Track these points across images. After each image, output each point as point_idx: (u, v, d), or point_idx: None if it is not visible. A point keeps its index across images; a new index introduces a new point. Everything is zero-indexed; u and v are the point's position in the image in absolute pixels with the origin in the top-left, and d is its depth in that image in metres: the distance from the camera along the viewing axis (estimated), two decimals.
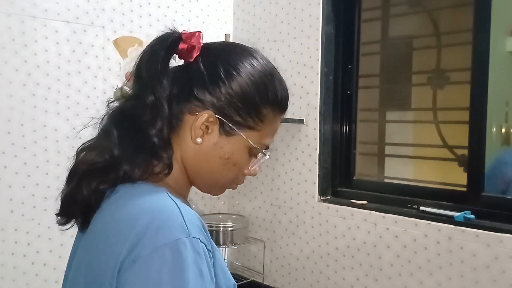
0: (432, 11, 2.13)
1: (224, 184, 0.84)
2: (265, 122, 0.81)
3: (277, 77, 0.82)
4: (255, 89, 0.79)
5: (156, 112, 0.77)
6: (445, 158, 2.09)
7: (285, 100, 0.83)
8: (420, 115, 2.26)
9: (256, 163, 0.84)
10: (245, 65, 0.80)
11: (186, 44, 0.81)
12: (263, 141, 0.82)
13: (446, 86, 2.09)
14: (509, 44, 1.89)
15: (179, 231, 0.68)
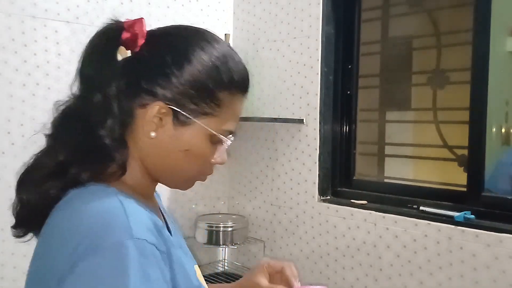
0: (432, 11, 2.13)
1: (191, 178, 0.81)
2: (223, 107, 0.76)
3: (231, 57, 0.77)
4: (207, 74, 0.74)
5: (105, 111, 0.73)
6: (445, 158, 2.09)
7: (242, 81, 0.78)
8: (420, 115, 2.26)
9: (222, 151, 0.80)
10: (195, 49, 0.75)
11: (129, 33, 0.75)
12: (225, 127, 0.77)
13: (446, 86, 2.09)
14: (509, 44, 1.89)
15: (121, 233, 0.64)
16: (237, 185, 2.51)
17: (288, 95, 2.27)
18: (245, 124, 2.46)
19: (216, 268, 2.46)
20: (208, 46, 0.76)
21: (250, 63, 2.43)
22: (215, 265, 2.47)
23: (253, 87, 2.62)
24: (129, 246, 0.63)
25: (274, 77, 2.33)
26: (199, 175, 0.82)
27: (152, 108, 0.74)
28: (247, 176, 2.46)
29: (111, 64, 0.75)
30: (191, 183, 0.83)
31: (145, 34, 0.76)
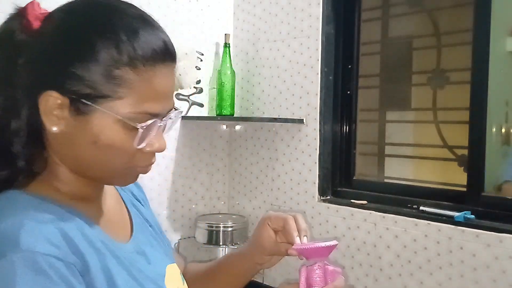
0: (432, 11, 2.13)
1: (119, 172, 0.71)
2: (127, 86, 0.66)
3: (133, 30, 0.67)
4: (100, 52, 0.65)
5: (8, 114, 0.67)
6: (445, 158, 2.09)
7: (149, 51, 0.67)
8: (420, 115, 2.26)
9: (146, 137, 0.69)
10: (87, 27, 0.67)
11: (24, 19, 0.69)
12: (141, 108, 0.67)
13: (446, 86, 2.09)
14: (509, 44, 1.89)
15: (5, 247, 0.59)
16: (237, 185, 2.51)
17: (288, 95, 2.27)
18: (245, 124, 2.46)
19: None
20: (104, 22, 0.67)
21: (250, 63, 2.43)
22: None
23: (253, 87, 2.64)
24: (14, 261, 0.58)
25: (274, 77, 2.33)
26: (129, 168, 0.72)
27: (45, 100, 0.66)
28: (247, 176, 2.46)
29: (10, 61, 0.68)
30: (127, 178, 0.74)
31: (40, 17, 0.69)
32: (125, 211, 0.85)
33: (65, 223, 0.66)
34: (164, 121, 0.72)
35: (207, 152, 2.47)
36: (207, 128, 2.47)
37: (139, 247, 0.79)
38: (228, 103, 2.32)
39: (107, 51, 0.65)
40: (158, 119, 0.70)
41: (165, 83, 0.69)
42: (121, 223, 0.81)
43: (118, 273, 0.70)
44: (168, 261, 0.84)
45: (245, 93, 2.46)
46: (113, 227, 0.77)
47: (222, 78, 2.32)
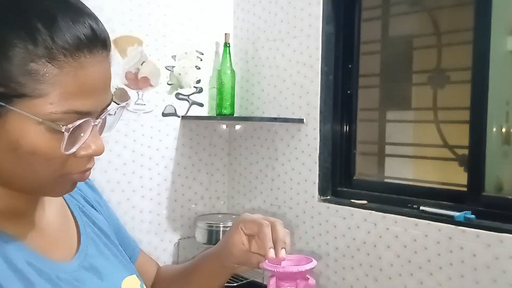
0: (433, 10, 2.13)
1: (52, 182, 0.62)
2: (47, 82, 0.56)
3: (48, 13, 0.57)
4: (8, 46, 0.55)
5: None
6: (446, 158, 2.08)
7: (71, 39, 0.57)
8: (420, 114, 2.26)
9: (77, 140, 0.60)
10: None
11: None
12: (66, 107, 0.57)
13: (446, 85, 2.09)
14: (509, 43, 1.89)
15: None
16: (237, 185, 2.51)
17: (288, 95, 2.26)
18: (245, 124, 2.46)
19: None
20: (16, 10, 0.57)
21: (250, 63, 2.43)
22: None
23: (253, 87, 2.64)
24: None
25: (274, 76, 2.32)
26: (61, 176, 0.62)
27: None
28: (247, 176, 2.46)
29: None
30: (61, 187, 0.65)
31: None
32: (72, 222, 0.76)
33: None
34: (100, 119, 0.62)
35: (206, 152, 2.47)
36: (207, 128, 2.47)
37: (87, 262, 0.71)
38: (228, 103, 2.32)
39: (20, 42, 0.55)
40: (91, 118, 0.60)
41: (94, 76, 0.59)
42: (63, 239, 0.72)
43: None
44: (126, 273, 0.76)
45: (245, 93, 2.46)
46: (51, 244, 0.69)
47: (222, 77, 2.31)
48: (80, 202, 0.80)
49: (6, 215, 0.64)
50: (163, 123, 2.29)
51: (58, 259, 0.68)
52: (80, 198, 0.81)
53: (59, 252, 0.69)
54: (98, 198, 0.86)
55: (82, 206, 0.80)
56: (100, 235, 0.78)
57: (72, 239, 0.74)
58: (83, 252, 0.72)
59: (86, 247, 0.73)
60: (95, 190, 0.87)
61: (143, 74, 2.20)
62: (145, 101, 2.23)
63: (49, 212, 0.72)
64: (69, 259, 0.70)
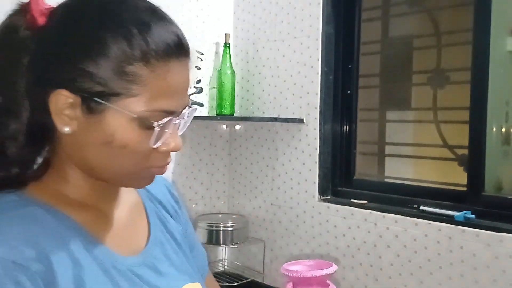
0: (432, 11, 2.13)
1: (134, 173, 0.68)
2: (141, 83, 0.62)
3: (145, 25, 0.63)
4: (108, 48, 0.61)
5: (7, 115, 0.65)
6: (445, 158, 2.09)
7: (162, 45, 0.63)
8: (420, 114, 2.26)
9: (162, 135, 0.66)
10: (95, 22, 0.63)
11: (28, 15, 0.65)
12: (155, 106, 0.63)
13: (446, 85, 2.09)
14: (509, 43, 1.89)
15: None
16: (237, 185, 2.51)
17: (288, 95, 2.27)
18: (245, 124, 2.46)
19: (216, 268, 2.46)
20: (114, 16, 0.63)
21: (250, 63, 2.43)
22: (215, 265, 2.47)
23: (253, 87, 2.64)
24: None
25: (274, 76, 2.33)
26: (144, 169, 0.68)
27: (56, 99, 0.63)
28: (247, 175, 2.46)
29: (12, 60, 0.65)
30: (142, 180, 0.70)
31: (45, 12, 0.65)
32: (144, 223, 0.79)
33: (43, 228, 0.63)
34: (179, 119, 0.68)
35: (207, 152, 2.47)
36: (207, 128, 2.47)
37: (151, 262, 0.74)
38: (228, 103, 2.32)
39: (118, 46, 0.62)
40: (174, 117, 0.66)
41: (179, 79, 0.66)
42: (131, 235, 0.75)
43: (97, 285, 0.65)
44: (188, 280, 0.78)
45: (245, 93, 2.46)
46: (118, 238, 0.73)
47: (222, 77, 2.32)
48: (158, 209, 0.84)
49: (81, 205, 0.69)
50: None
51: (121, 252, 0.71)
52: (157, 203, 0.85)
53: (124, 247, 0.72)
54: (177, 208, 0.89)
55: (158, 211, 0.83)
56: (170, 240, 0.81)
57: (141, 238, 0.77)
58: (148, 252, 0.75)
59: (152, 249, 0.76)
60: (176, 200, 0.90)
61: None
62: None
63: (123, 209, 0.76)
64: (134, 255, 0.73)
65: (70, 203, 0.69)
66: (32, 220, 0.63)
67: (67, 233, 0.65)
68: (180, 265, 0.79)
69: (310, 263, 0.76)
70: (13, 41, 0.65)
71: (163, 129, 0.65)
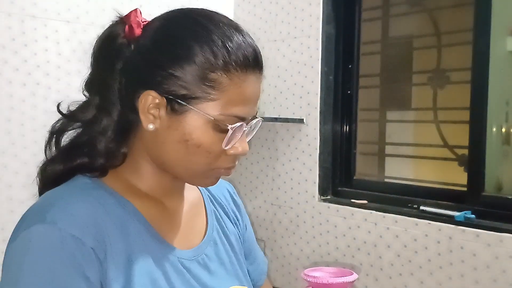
0: (433, 11, 2.13)
1: (202, 172, 0.74)
2: (220, 89, 0.69)
3: (228, 36, 0.70)
4: (195, 56, 0.69)
5: (101, 112, 0.73)
6: (445, 158, 2.09)
7: (244, 59, 0.70)
8: (420, 115, 2.26)
9: (238, 140, 0.73)
10: (185, 34, 0.71)
11: (127, 26, 0.75)
12: (229, 111, 0.70)
13: (446, 86, 2.09)
14: (509, 44, 1.89)
15: (34, 219, 0.65)
16: (237, 185, 2.51)
17: (288, 95, 2.27)
18: None
19: None
20: (201, 29, 0.71)
21: None
22: None
23: None
24: (33, 232, 0.63)
25: (274, 76, 2.33)
26: (212, 169, 0.74)
27: (145, 99, 0.71)
28: (247, 176, 2.46)
29: (109, 63, 0.74)
30: (208, 179, 0.76)
31: (142, 24, 0.75)
32: (203, 222, 0.84)
33: (106, 210, 0.70)
34: (248, 126, 0.75)
35: None
36: None
37: (202, 259, 0.78)
38: None
39: (204, 55, 0.69)
40: (244, 123, 0.73)
41: (253, 89, 0.72)
42: (187, 230, 0.80)
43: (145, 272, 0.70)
44: (236, 283, 0.82)
45: None
46: (175, 231, 0.78)
47: None
48: (218, 211, 0.89)
49: (146, 195, 0.76)
50: None
51: (175, 245, 0.76)
52: (219, 207, 0.90)
53: (179, 240, 0.78)
54: (238, 214, 0.94)
55: (218, 214, 0.88)
56: (225, 242, 0.85)
57: (197, 235, 0.82)
58: (201, 249, 0.79)
59: (205, 247, 0.80)
60: (238, 207, 0.94)
61: None
62: None
63: (185, 205, 0.82)
64: (185, 249, 0.77)
65: (137, 193, 0.75)
66: (98, 202, 0.70)
67: (127, 218, 0.72)
68: (231, 267, 0.83)
69: (331, 270, 0.77)
70: (111, 48, 0.74)
71: (234, 133, 0.72)
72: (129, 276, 0.68)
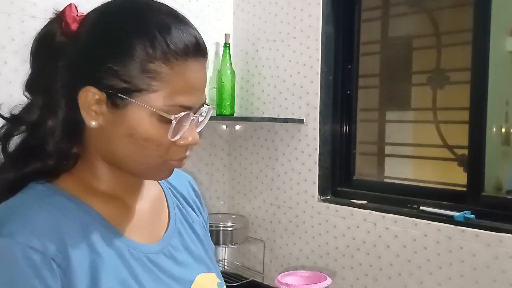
0: (432, 11, 2.13)
1: (155, 165, 0.73)
2: (161, 80, 0.68)
3: (166, 26, 0.70)
4: (132, 48, 0.68)
5: (45, 113, 0.71)
6: (445, 158, 2.09)
7: (183, 47, 0.70)
8: (420, 115, 2.26)
9: (180, 129, 0.71)
10: (120, 25, 0.70)
11: (63, 22, 0.73)
12: (174, 101, 0.69)
13: (446, 86, 2.09)
14: (509, 44, 1.89)
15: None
16: (237, 185, 2.51)
17: (288, 95, 2.27)
18: (245, 124, 2.46)
19: None
20: (138, 20, 0.70)
21: (250, 63, 2.43)
22: None
23: (253, 87, 2.64)
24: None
25: (274, 77, 2.33)
26: (165, 161, 0.72)
27: (84, 96, 0.69)
28: (247, 176, 2.46)
29: (50, 63, 0.72)
30: (163, 172, 0.75)
31: (78, 19, 0.73)
32: (165, 215, 0.84)
33: (65, 216, 0.68)
34: (196, 115, 0.73)
35: (207, 152, 2.47)
36: (207, 128, 2.45)
37: (168, 251, 0.79)
38: (228, 103, 2.32)
39: (142, 46, 0.68)
40: (191, 113, 0.72)
41: (196, 77, 0.72)
42: (150, 225, 0.80)
43: (112, 273, 0.69)
44: (205, 270, 0.83)
45: (245, 93, 2.46)
46: (137, 227, 0.77)
47: (222, 78, 2.32)
48: (180, 201, 0.89)
49: (105, 195, 0.75)
50: None
51: (140, 241, 0.76)
52: (181, 198, 0.90)
53: (143, 236, 0.77)
54: (199, 204, 0.96)
55: (180, 205, 0.88)
56: (190, 232, 0.86)
57: (160, 228, 0.81)
58: (166, 241, 0.79)
59: (170, 238, 0.81)
60: (198, 197, 0.97)
61: None
62: None
63: (146, 201, 0.81)
64: (151, 243, 0.77)
65: (95, 194, 0.74)
66: (56, 208, 0.69)
67: (88, 221, 0.70)
68: (198, 255, 0.83)
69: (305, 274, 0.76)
70: (51, 47, 0.72)
71: (180, 123, 0.70)
72: (95, 280, 0.67)
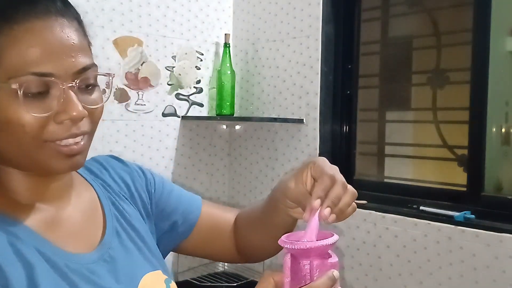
0: (432, 11, 2.13)
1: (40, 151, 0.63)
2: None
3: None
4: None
5: None
6: (445, 158, 2.09)
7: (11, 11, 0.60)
8: (420, 115, 2.26)
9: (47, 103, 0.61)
10: None
11: None
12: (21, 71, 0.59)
13: (446, 86, 2.09)
14: (509, 44, 1.89)
15: None
16: (237, 185, 2.51)
17: (287, 95, 2.26)
18: (245, 124, 2.46)
19: (216, 268, 2.46)
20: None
21: (250, 63, 2.43)
22: (215, 265, 2.47)
23: (253, 87, 2.64)
24: None
25: (273, 77, 2.33)
26: (43, 142, 0.62)
27: None
28: (247, 176, 2.46)
29: None
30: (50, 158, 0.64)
31: None
32: (100, 216, 0.77)
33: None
34: (73, 83, 0.62)
35: (207, 152, 2.47)
36: (207, 128, 2.47)
37: (108, 255, 0.72)
38: (228, 103, 2.32)
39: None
40: (59, 81, 0.61)
41: (48, 40, 0.60)
42: (85, 231, 0.73)
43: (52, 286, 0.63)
44: (149, 269, 0.76)
45: (245, 93, 2.46)
46: (69, 236, 0.70)
47: (222, 78, 2.32)
48: (114, 197, 0.81)
49: (27, 207, 0.67)
50: (163, 123, 2.30)
51: (75, 250, 0.69)
52: (114, 194, 0.81)
53: (78, 244, 0.70)
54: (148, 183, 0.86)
55: (114, 200, 0.80)
56: (127, 228, 0.78)
57: (96, 232, 0.75)
58: (105, 245, 0.73)
59: (109, 240, 0.74)
60: (146, 175, 0.86)
61: (143, 74, 2.21)
62: (145, 101, 2.24)
63: (75, 205, 0.74)
64: (89, 252, 0.71)
65: (18, 207, 0.67)
66: None
67: (16, 240, 0.63)
68: (139, 254, 0.77)
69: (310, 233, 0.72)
70: None
71: (42, 95, 0.60)
72: None
